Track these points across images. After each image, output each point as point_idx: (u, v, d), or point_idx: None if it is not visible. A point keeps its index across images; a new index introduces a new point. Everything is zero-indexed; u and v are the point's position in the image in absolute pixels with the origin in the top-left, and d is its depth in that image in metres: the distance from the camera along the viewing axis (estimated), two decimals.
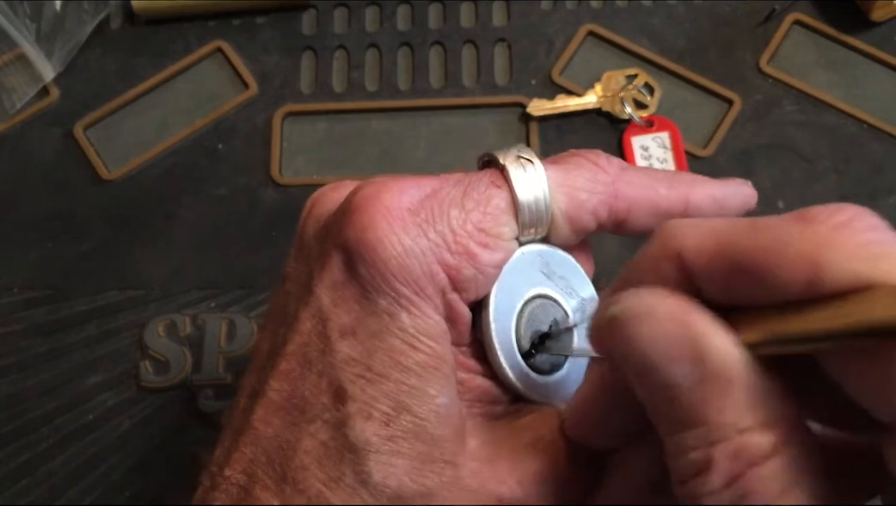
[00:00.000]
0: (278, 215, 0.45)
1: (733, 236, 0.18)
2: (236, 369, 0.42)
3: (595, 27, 0.49)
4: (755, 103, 0.47)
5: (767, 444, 0.17)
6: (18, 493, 0.40)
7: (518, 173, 0.23)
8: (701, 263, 0.18)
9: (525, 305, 0.25)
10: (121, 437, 0.41)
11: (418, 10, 0.50)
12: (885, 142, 0.46)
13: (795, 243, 0.17)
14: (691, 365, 0.17)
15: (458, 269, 0.22)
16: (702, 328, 0.18)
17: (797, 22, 0.49)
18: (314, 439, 0.22)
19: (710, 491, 0.17)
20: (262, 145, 0.47)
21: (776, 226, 0.17)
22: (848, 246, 0.16)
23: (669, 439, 0.18)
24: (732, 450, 0.17)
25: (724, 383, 0.17)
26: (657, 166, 0.46)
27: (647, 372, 0.18)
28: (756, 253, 0.17)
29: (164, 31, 0.50)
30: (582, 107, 0.47)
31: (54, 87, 0.49)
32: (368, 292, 0.22)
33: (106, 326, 0.43)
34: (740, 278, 0.17)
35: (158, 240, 0.45)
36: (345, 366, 0.22)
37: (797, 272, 0.16)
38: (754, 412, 0.17)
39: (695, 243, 0.18)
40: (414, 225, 0.22)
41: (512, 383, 0.24)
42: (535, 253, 0.25)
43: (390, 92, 0.48)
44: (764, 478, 0.17)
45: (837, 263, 0.16)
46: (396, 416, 0.21)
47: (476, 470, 0.22)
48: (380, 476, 0.21)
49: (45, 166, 0.47)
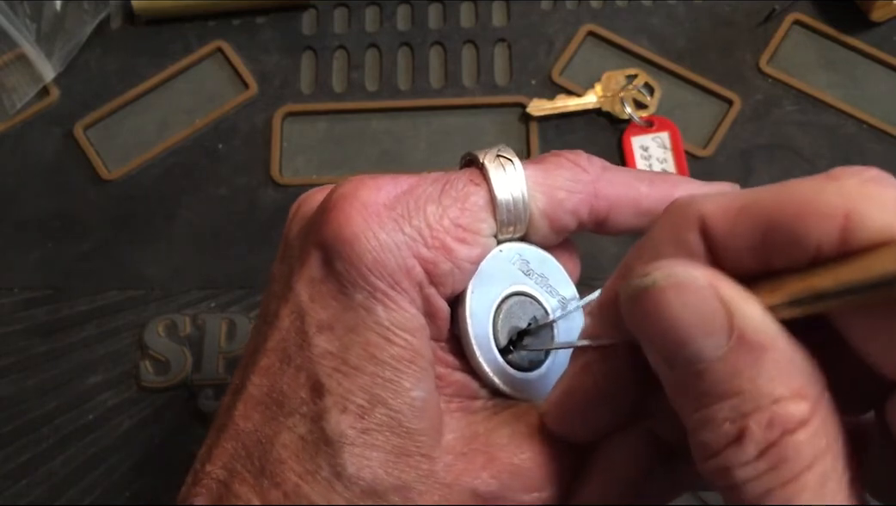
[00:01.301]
0: (278, 215, 0.45)
1: (757, 196, 0.18)
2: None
3: (595, 27, 0.49)
4: (755, 103, 0.47)
5: (801, 412, 0.17)
6: (18, 493, 0.40)
7: (497, 172, 0.24)
8: (726, 226, 0.18)
9: (503, 302, 0.25)
10: (121, 437, 0.41)
11: (418, 10, 0.50)
12: (885, 142, 0.46)
13: (827, 196, 0.17)
14: (725, 335, 0.17)
15: (435, 263, 0.23)
16: (733, 298, 0.17)
17: (797, 22, 0.49)
18: (292, 432, 0.22)
19: (745, 461, 0.17)
20: (262, 145, 0.47)
21: (803, 183, 0.17)
22: (881, 197, 0.16)
23: (695, 414, 0.18)
24: (767, 419, 0.17)
25: (757, 351, 0.17)
26: (657, 166, 0.46)
27: (676, 345, 0.18)
28: (786, 207, 0.17)
29: (164, 31, 0.50)
30: (582, 107, 0.47)
31: (54, 87, 0.49)
32: (345, 287, 0.22)
33: (106, 326, 0.43)
34: (770, 236, 0.17)
35: (158, 240, 0.45)
36: (322, 360, 0.22)
37: (831, 223, 0.16)
38: (788, 381, 0.17)
39: (716, 208, 0.18)
40: (390, 220, 0.22)
41: (489, 379, 0.24)
42: (514, 251, 0.25)
43: (390, 92, 0.48)
44: (798, 445, 0.17)
45: (871, 212, 0.16)
46: (371, 409, 0.22)
47: (450, 464, 0.22)
48: (354, 469, 0.21)
49: (45, 166, 0.47)
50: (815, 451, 0.17)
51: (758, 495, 0.17)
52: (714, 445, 0.18)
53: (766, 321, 0.17)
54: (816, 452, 0.17)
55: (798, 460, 0.17)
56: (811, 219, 0.17)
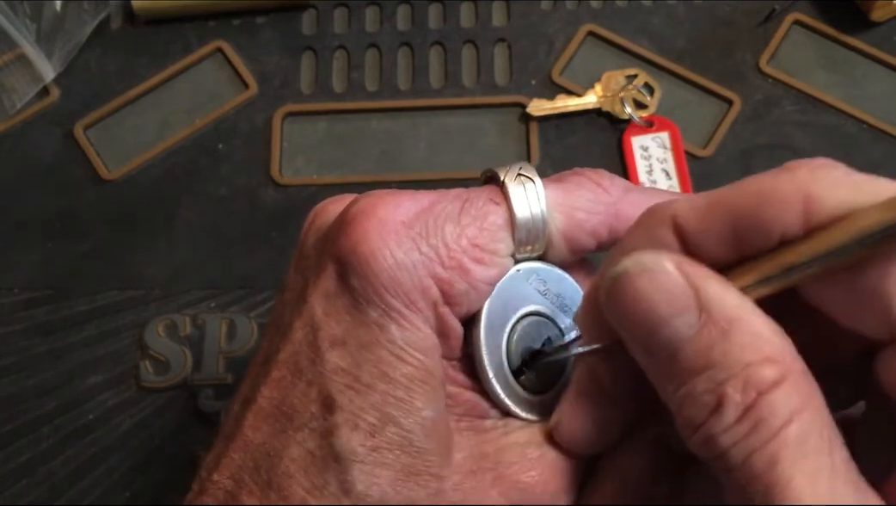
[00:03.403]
0: (278, 215, 0.45)
1: (722, 193, 0.20)
2: (236, 369, 0.42)
3: (595, 27, 0.49)
4: (755, 103, 0.47)
5: (773, 373, 0.18)
6: (18, 493, 0.40)
7: (517, 191, 0.24)
8: (696, 222, 0.20)
9: (518, 322, 0.24)
10: (121, 437, 0.41)
11: (418, 10, 0.50)
12: (885, 142, 0.46)
13: (785, 185, 0.19)
14: (695, 313, 0.19)
15: (451, 283, 0.23)
16: (700, 278, 0.19)
17: (797, 22, 0.49)
18: (301, 446, 0.22)
19: (726, 427, 0.18)
20: (262, 145, 0.47)
21: (762, 177, 0.19)
22: (832, 178, 0.18)
23: (675, 394, 0.19)
24: (742, 383, 0.18)
25: (725, 325, 0.18)
26: (657, 166, 0.46)
27: (651, 328, 0.19)
28: (747, 200, 0.19)
29: (164, 31, 0.50)
30: (582, 107, 0.47)
31: (54, 87, 0.49)
32: (360, 304, 0.22)
33: (106, 326, 0.43)
34: (738, 227, 0.19)
35: (158, 240, 0.45)
36: (334, 376, 0.22)
37: (791, 208, 0.18)
38: (757, 348, 0.18)
39: (686, 207, 0.20)
40: (407, 238, 0.22)
41: (500, 400, 0.24)
42: (531, 270, 0.25)
43: (390, 92, 0.48)
44: (774, 403, 0.18)
45: (827, 191, 0.18)
46: (382, 427, 0.22)
47: (459, 483, 0.22)
48: (363, 486, 0.21)
49: (45, 166, 0.47)
50: (790, 409, 0.18)
51: (742, 458, 0.18)
52: (697, 418, 0.19)
53: (731, 296, 0.19)
54: (792, 409, 0.18)
55: (775, 418, 0.18)
56: (773, 207, 0.19)
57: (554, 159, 0.46)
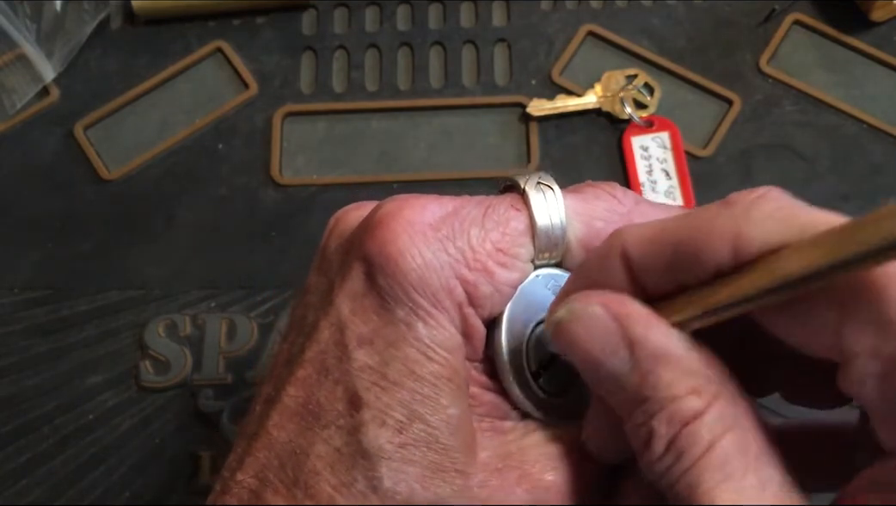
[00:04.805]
0: (278, 215, 0.45)
1: (666, 225, 0.20)
2: (236, 369, 0.42)
3: (595, 27, 0.49)
4: (755, 103, 0.47)
5: (696, 405, 0.19)
6: (18, 493, 0.40)
7: (538, 198, 0.24)
8: (641, 253, 0.21)
9: (537, 326, 0.25)
10: (121, 437, 0.41)
11: (418, 10, 0.50)
12: (885, 142, 0.46)
13: (718, 221, 0.19)
14: (626, 352, 0.20)
15: (476, 285, 0.23)
16: (627, 319, 0.20)
17: (797, 22, 0.49)
18: (327, 444, 0.22)
19: (656, 457, 0.19)
20: (262, 145, 0.47)
21: (702, 211, 0.20)
22: (761, 215, 0.19)
23: (626, 425, 0.20)
24: (667, 416, 0.19)
25: (653, 361, 0.20)
26: (657, 166, 0.46)
27: (593, 366, 0.21)
28: (685, 234, 0.20)
29: (164, 31, 0.50)
30: (582, 107, 0.47)
31: (54, 87, 0.49)
32: (387, 303, 0.22)
33: (106, 326, 0.43)
34: (677, 259, 0.20)
35: (158, 240, 0.45)
36: (361, 374, 0.22)
37: (722, 244, 0.19)
38: (683, 381, 0.19)
39: (635, 237, 0.21)
40: (435, 240, 0.23)
41: (520, 401, 0.24)
42: (550, 276, 0.25)
43: (390, 92, 0.48)
44: (697, 433, 0.19)
45: (753, 229, 0.19)
46: (409, 424, 0.22)
47: (485, 480, 0.22)
48: (391, 483, 0.21)
49: (45, 166, 0.47)
50: (712, 436, 0.19)
51: (670, 484, 0.19)
52: (637, 448, 0.20)
53: (658, 333, 0.20)
54: (714, 436, 0.19)
55: (696, 446, 0.19)
56: (707, 242, 0.19)
57: (554, 159, 0.46)
